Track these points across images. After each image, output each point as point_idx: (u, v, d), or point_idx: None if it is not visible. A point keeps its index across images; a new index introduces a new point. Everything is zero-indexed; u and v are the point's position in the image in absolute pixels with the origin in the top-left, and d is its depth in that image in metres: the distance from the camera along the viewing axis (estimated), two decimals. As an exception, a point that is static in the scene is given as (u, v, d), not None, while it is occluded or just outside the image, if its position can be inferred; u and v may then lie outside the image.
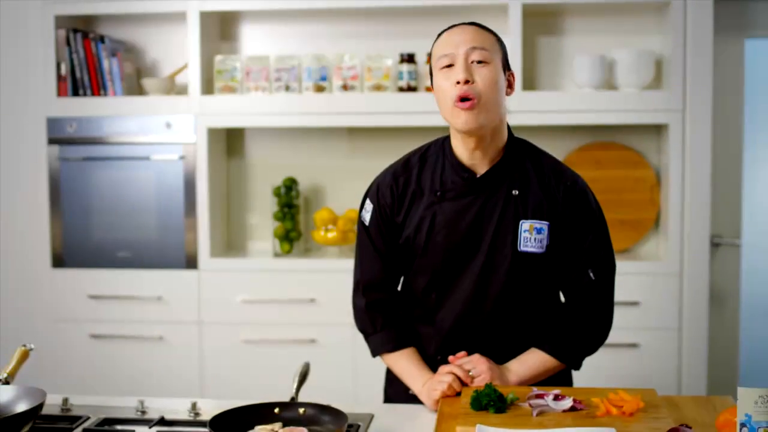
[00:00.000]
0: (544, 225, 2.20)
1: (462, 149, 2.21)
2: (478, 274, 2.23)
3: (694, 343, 3.80)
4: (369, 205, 2.34)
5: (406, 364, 2.34)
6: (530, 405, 2.04)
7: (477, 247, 2.22)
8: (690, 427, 1.82)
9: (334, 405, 2.05)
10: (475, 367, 2.23)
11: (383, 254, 2.34)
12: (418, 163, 2.29)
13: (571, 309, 2.31)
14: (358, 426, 2.03)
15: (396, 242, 2.32)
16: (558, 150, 4.11)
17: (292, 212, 4.08)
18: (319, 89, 3.94)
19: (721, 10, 3.89)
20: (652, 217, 4.04)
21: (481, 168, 2.22)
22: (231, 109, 3.95)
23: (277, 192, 4.10)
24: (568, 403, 2.03)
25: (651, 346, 3.81)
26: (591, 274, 2.26)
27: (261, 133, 4.26)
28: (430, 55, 2.28)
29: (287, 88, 3.95)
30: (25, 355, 2.18)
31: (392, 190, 2.29)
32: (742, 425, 1.70)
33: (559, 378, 2.39)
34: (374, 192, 2.34)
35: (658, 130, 4.04)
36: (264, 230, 4.24)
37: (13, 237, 4.10)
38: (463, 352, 2.29)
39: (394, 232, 2.31)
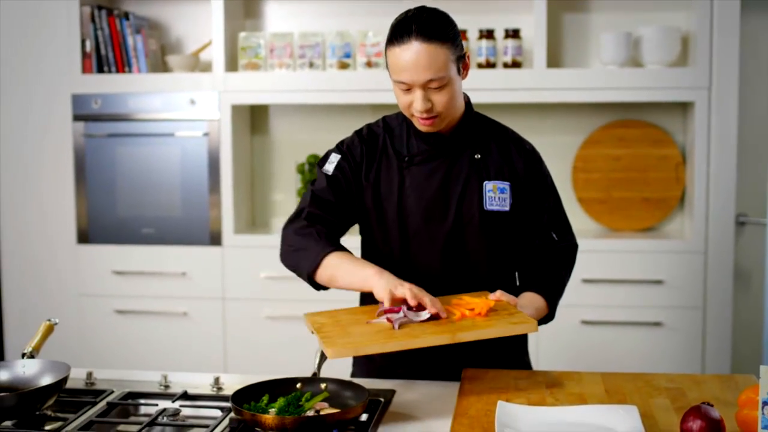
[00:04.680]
0: (506, 185, 2.30)
1: None
2: (447, 233, 2.27)
3: (718, 323, 3.78)
4: (335, 157, 2.33)
5: (353, 260, 2.21)
6: (389, 319, 2.04)
7: (446, 208, 2.28)
8: (711, 405, 1.81)
9: (356, 381, 2.06)
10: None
11: (336, 201, 2.31)
12: (383, 132, 2.34)
13: (537, 268, 2.36)
14: (380, 401, 2.04)
15: (353, 200, 2.32)
16: (583, 127, 4.09)
17: (316, 189, 4.08)
18: (343, 66, 3.93)
19: (749, -14, 3.85)
20: (677, 195, 4.01)
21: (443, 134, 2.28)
22: (255, 86, 3.95)
23: (300, 169, 4.10)
24: (426, 313, 2.06)
25: (675, 325, 3.79)
26: (554, 236, 2.37)
27: (285, 110, 4.26)
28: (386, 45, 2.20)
29: (311, 65, 3.95)
30: (49, 330, 2.20)
31: (362, 150, 2.32)
32: (765, 403, 1.69)
33: (517, 360, 2.42)
34: (342, 147, 2.34)
35: (683, 107, 4.01)
36: (288, 207, 4.25)
37: (39, 213, 4.13)
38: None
39: (356, 189, 2.32)
